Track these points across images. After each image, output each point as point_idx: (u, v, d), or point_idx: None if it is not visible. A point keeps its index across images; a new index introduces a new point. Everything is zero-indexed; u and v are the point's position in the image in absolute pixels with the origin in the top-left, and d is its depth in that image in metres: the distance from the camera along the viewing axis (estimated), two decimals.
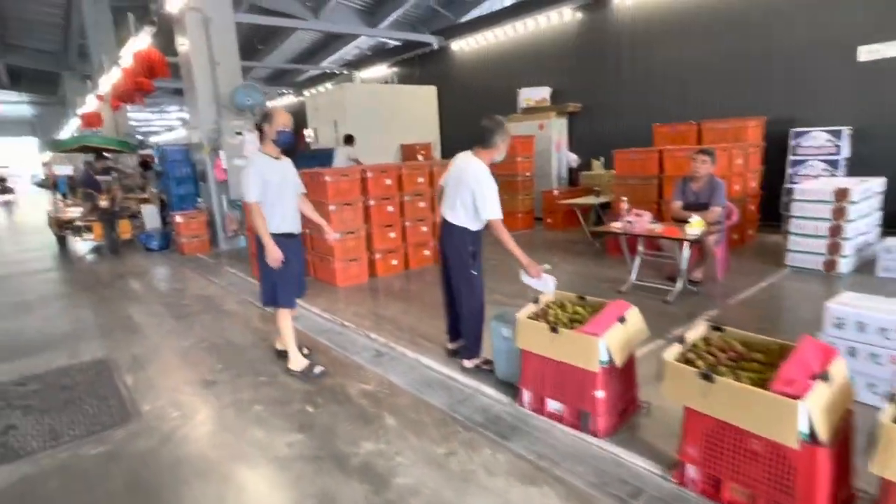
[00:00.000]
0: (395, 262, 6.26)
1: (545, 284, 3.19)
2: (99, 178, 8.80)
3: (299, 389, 3.31)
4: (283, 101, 19.79)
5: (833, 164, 6.40)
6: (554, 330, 2.62)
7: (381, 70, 14.94)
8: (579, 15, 9.51)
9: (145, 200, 9.99)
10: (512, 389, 3.08)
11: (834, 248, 5.15)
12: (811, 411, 1.78)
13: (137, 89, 9.41)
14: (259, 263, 3.48)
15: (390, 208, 6.14)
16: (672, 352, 2.24)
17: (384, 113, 11.48)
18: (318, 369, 3.49)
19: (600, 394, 2.54)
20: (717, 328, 2.39)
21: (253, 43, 18.11)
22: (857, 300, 2.84)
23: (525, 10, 10.31)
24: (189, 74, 8.13)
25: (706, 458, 2.13)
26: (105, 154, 9.75)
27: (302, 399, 3.17)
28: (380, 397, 3.13)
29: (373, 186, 5.97)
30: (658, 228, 4.63)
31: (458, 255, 3.25)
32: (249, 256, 6.51)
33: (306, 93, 17.65)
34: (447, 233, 3.30)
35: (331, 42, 19.03)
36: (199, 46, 7.92)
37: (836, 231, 5.11)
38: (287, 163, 3.46)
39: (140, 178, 11.33)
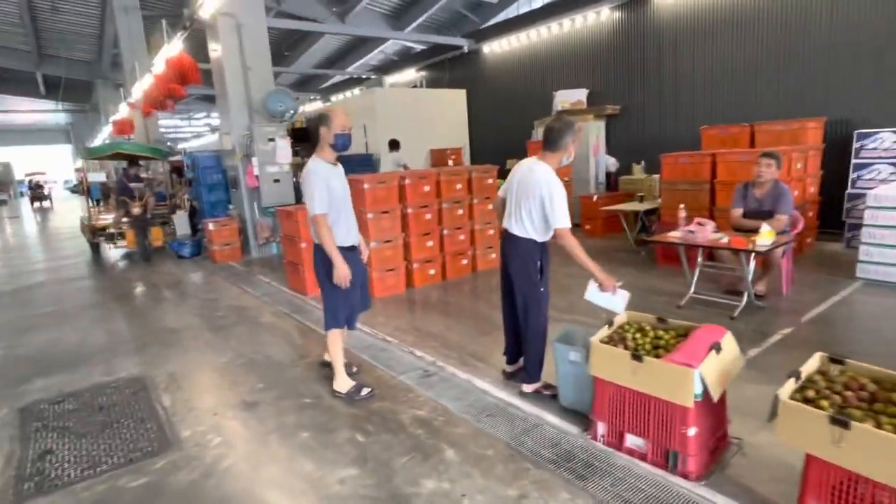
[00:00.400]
0: (432, 271, 6.03)
1: (616, 302, 2.92)
2: (132, 185, 8.77)
3: (347, 413, 3.09)
4: (312, 106, 19.82)
5: None
6: (638, 358, 2.34)
7: (410, 74, 14.79)
8: (617, 14, 9.19)
9: (176, 207, 9.98)
10: (580, 419, 2.81)
11: None
12: None
13: (169, 95, 9.41)
14: (322, 282, 3.21)
15: (428, 216, 5.91)
16: (787, 388, 1.94)
17: (414, 117, 11.30)
18: (365, 391, 3.27)
19: (692, 431, 2.25)
20: (835, 360, 2.08)
21: (280, 49, 18.18)
22: None
23: (560, 11, 10.02)
24: (221, 80, 8.06)
25: None
26: (138, 161, 9.76)
27: (351, 425, 2.94)
28: (435, 425, 2.88)
29: (411, 193, 5.75)
30: (723, 239, 4.29)
31: (526, 271, 2.99)
32: (284, 265, 6.35)
33: (333, 98, 17.62)
34: (512, 246, 3.05)
35: (356, 48, 18.99)
36: (231, 52, 7.84)
37: None
38: (342, 169, 3.25)
39: (175, 185, 11.35)
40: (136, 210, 8.35)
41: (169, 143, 21.06)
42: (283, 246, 6.55)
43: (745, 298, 4.37)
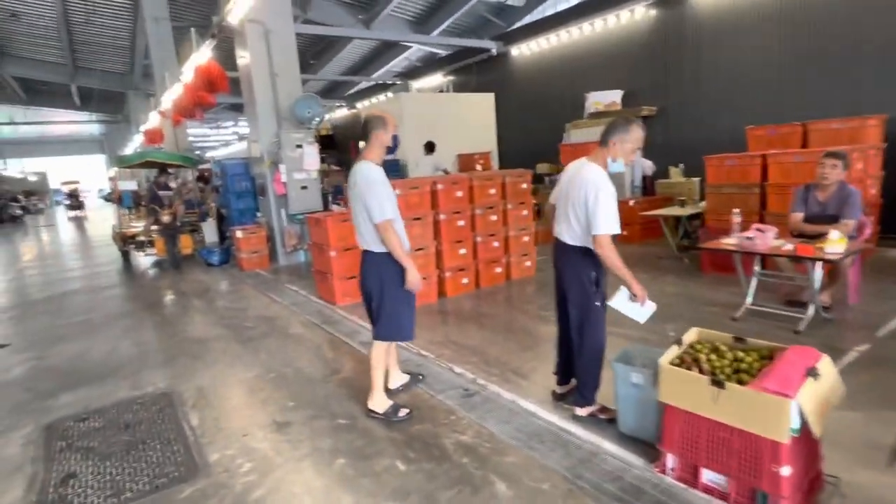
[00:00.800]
0: (465, 280, 5.79)
1: (643, 312, 2.66)
2: (161, 193, 8.79)
3: (384, 437, 2.86)
4: (338, 113, 19.87)
5: None
6: (719, 384, 2.05)
7: (436, 79, 14.65)
8: (653, 12, 8.85)
9: (206, 214, 9.98)
10: (642, 448, 2.52)
11: None
12: None
13: (198, 104, 9.41)
14: (385, 292, 2.99)
15: (461, 223, 5.68)
16: None
17: (442, 122, 11.09)
18: (402, 412, 3.04)
19: (786, 470, 1.95)
20: None
21: (306, 58, 18.29)
22: None
23: (593, 11, 9.72)
24: (249, 87, 8.00)
25: None
26: (168, 170, 9.81)
27: (390, 451, 2.71)
28: (482, 453, 2.62)
29: (443, 200, 5.53)
30: (786, 246, 3.94)
31: (579, 284, 2.72)
32: (313, 274, 6.19)
33: (359, 105, 17.61)
34: (563, 256, 2.79)
35: (380, 55, 19.01)
36: (259, 59, 7.78)
37: None
38: None
39: (202, 193, 11.39)
40: (165, 218, 8.35)
41: (198, 152, 21.39)
42: (311, 254, 6.40)
43: (810, 311, 4.01)
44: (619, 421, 2.68)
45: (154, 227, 8.66)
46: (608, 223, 2.56)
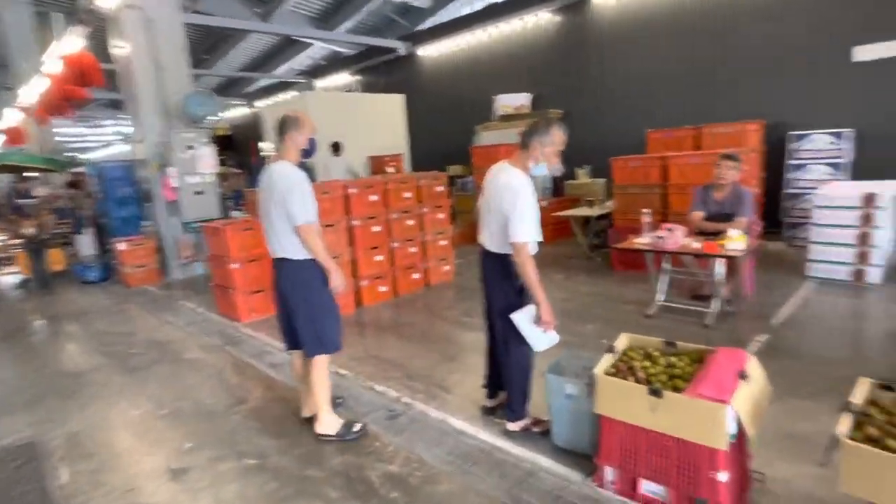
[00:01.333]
0: (383, 288, 5.52)
1: (542, 339, 2.55)
2: (23, 201, 7.59)
3: (299, 476, 2.53)
4: (236, 112, 18.63)
5: (836, 167, 6.16)
6: (656, 393, 1.99)
7: (343, 78, 14.16)
8: (557, 18, 9.11)
9: (80, 225, 8.78)
10: (578, 460, 2.44)
11: (862, 258, 4.82)
12: None
13: (67, 98, 8.26)
14: (309, 302, 2.74)
15: (376, 228, 5.40)
16: (844, 425, 1.65)
17: (350, 122, 10.66)
18: (356, 427, 2.82)
19: (724, 476, 1.93)
20: (886, 387, 1.82)
21: (197, 52, 16.91)
22: None
23: (499, 14, 9.83)
24: (129, 81, 7.11)
25: None
26: (30, 174, 8.52)
27: (309, 492, 2.40)
28: (413, 484, 2.40)
29: (357, 204, 5.22)
30: (694, 244, 4.12)
31: (502, 292, 2.59)
32: (212, 288, 5.59)
33: (258, 104, 16.63)
34: (487, 264, 2.65)
35: (282, 51, 18.03)
36: (140, 49, 6.94)
37: (864, 239, 4.79)
38: None
39: (69, 200, 10.03)
40: (28, 230, 7.20)
41: (73, 154, 19.03)
42: (209, 267, 5.79)
43: (716, 305, 4.22)
44: (553, 433, 2.58)
45: (15, 241, 7.45)
46: (526, 230, 2.45)
